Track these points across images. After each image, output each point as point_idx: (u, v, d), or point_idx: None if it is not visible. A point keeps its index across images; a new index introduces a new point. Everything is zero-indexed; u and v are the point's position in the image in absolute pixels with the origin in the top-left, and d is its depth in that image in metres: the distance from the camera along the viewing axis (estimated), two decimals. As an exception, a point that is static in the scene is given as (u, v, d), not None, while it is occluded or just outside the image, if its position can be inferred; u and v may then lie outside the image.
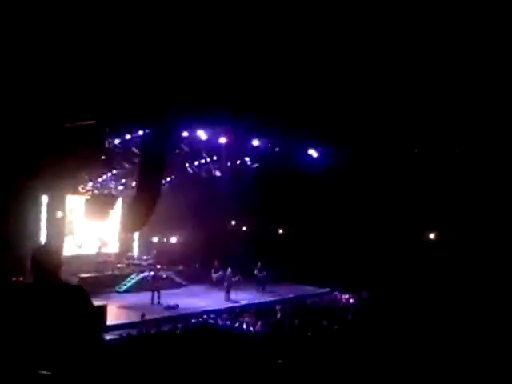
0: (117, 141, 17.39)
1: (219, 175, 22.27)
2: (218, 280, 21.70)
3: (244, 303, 19.79)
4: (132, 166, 18.71)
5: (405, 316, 15.45)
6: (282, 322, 14.82)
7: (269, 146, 18.69)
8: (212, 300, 20.47)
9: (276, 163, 19.71)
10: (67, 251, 23.12)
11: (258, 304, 19.18)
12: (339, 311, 16.54)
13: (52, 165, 17.66)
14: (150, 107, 14.36)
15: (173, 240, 26.67)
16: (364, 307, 17.24)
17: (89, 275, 22.17)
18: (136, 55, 11.88)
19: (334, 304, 17.91)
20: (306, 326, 13.84)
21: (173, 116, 14.55)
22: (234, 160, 21.13)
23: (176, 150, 18.52)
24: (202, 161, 21.00)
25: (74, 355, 3.27)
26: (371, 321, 14.49)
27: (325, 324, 13.61)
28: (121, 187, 23.87)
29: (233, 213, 26.76)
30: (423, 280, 19.96)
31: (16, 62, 11.13)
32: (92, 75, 12.43)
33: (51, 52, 11.02)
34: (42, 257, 3.63)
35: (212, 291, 22.09)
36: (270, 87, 13.36)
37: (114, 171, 20.53)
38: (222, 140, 17.36)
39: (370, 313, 16.06)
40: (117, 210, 24.10)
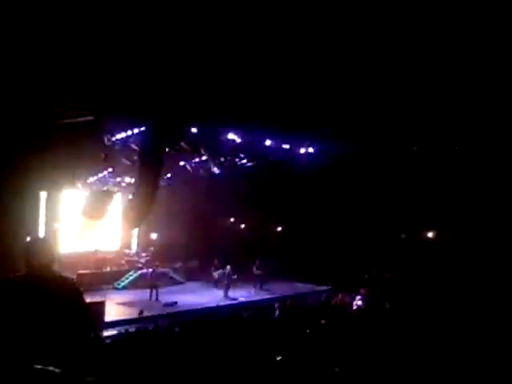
0: (116, 137, 17.35)
1: (218, 172, 22.23)
2: (219, 278, 21.69)
3: (242, 300, 19.80)
4: (131, 163, 18.68)
5: (404, 314, 15.47)
6: (281, 320, 14.83)
7: (268, 144, 18.67)
8: (210, 297, 20.49)
9: (275, 160, 19.70)
10: (66, 248, 23.12)
11: (257, 301, 19.19)
12: (338, 309, 16.54)
13: (51, 161, 17.63)
14: (150, 104, 14.34)
15: (171, 237, 26.63)
16: (363, 305, 17.25)
17: (87, 272, 22.16)
18: (136, 52, 11.85)
19: (333, 302, 17.88)
20: (305, 324, 13.84)
21: (173, 113, 14.53)
22: (233, 157, 21.10)
23: (174, 147, 18.48)
24: (201, 158, 20.96)
25: (67, 349, 3.24)
26: (370, 319, 14.49)
27: (323, 322, 13.60)
28: (120, 183, 23.82)
29: (231, 210, 26.75)
30: (422, 278, 19.99)
31: (14, 56, 11.08)
32: (91, 71, 12.40)
33: (50, 47, 10.98)
34: (38, 249, 3.61)
35: (210, 288, 22.11)
36: (269, 84, 13.34)
37: (113, 168, 20.47)
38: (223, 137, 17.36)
39: (369, 311, 16.07)
40: (115, 207, 24.05)
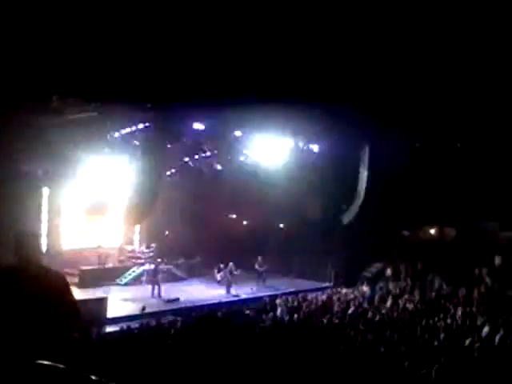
0: (118, 133, 17.36)
1: (220, 169, 22.26)
2: (222, 279, 21.69)
3: (244, 297, 19.80)
4: (133, 158, 18.67)
5: (405, 311, 15.47)
6: (282, 316, 14.86)
7: (272, 140, 18.68)
8: (213, 294, 20.48)
9: (279, 157, 19.71)
10: (68, 244, 23.14)
11: (259, 298, 19.16)
12: (339, 306, 16.54)
13: (54, 157, 17.65)
14: (152, 100, 14.35)
15: (174, 233, 26.62)
16: (364, 302, 17.26)
17: (90, 268, 22.17)
18: (138, 49, 11.84)
19: (335, 298, 17.90)
20: (306, 320, 13.86)
21: (174, 109, 14.53)
22: (236, 153, 21.12)
23: (177, 144, 18.51)
24: (203, 154, 20.97)
25: (48, 343, 3.21)
26: (371, 316, 14.51)
27: (325, 318, 13.63)
28: (122, 179, 23.79)
29: (234, 206, 26.72)
30: (423, 275, 19.97)
31: (16, 51, 11.08)
32: (94, 68, 12.39)
33: (53, 43, 10.98)
34: (25, 241, 3.65)
35: (213, 285, 22.10)
36: (271, 81, 13.32)
37: (116, 163, 20.46)
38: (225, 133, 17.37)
39: (370, 308, 16.07)
40: (118, 203, 24.07)
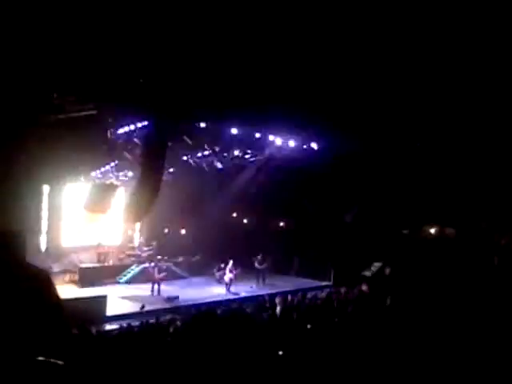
0: (119, 131, 17.35)
1: (221, 167, 22.25)
2: (221, 277, 21.69)
3: (244, 295, 19.82)
4: (134, 157, 18.68)
5: (405, 310, 15.46)
6: (282, 314, 14.84)
7: (272, 139, 18.67)
8: (212, 292, 20.52)
9: (278, 155, 19.69)
10: (68, 241, 23.18)
11: (258, 296, 19.17)
12: (339, 304, 16.54)
13: (53, 155, 17.64)
14: (153, 98, 14.32)
15: (174, 231, 26.68)
16: (364, 300, 17.24)
17: (90, 266, 22.21)
18: (140, 45, 11.83)
19: (334, 297, 17.89)
20: (306, 319, 13.85)
21: (175, 107, 14.51)
22: (237, 152, 21.10)
23: (178, 142, 18.48)
24: (204, 152, 20.96)
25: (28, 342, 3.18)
26: (371, 314, 14.49)
27: (324, 317, 13.61)
28: (123, 177, 23.83)
29: (234, 205, 26.75)
30: (423, 274, 19.97)
31: (15, 48, 11.06)
32: (94, 64, 12.38)
33: (52, 39, 10.97)
34: (7, 240, 3.66)
35: (212, 283, 22.13)
36: (272, 79, 13.31)
37: (116, 161, 20.48)
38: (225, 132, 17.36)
39: (370, 306, 16.06)
40: (118, 201, 24.06)
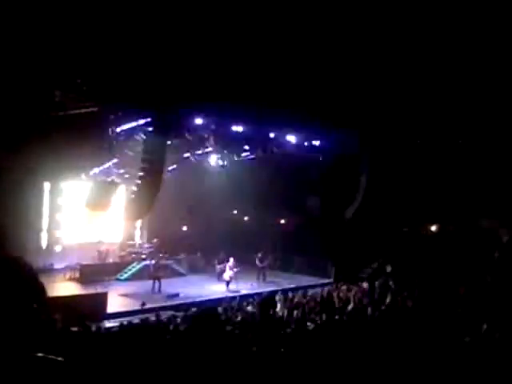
0: (120, 128, 17.34)
1: (221, 164, 22.23)
2: (222, 271, 21.66)
3: (244, 293, 19.80)
4: (135, 154, 18.67)
5: (405, 308, 15.46)
6: (282, 312, 14.85)
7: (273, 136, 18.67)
8: (213, 289, 20.50)
9: (279, 153, 19.69)
10: (69, 239, 23.17)
11: (259, 294, 19.17)
12: (339, 302, 16.54)
13: (54, 152, 17.65)
14: (154, 95, 14.32)
15: (174, 229, 26.66)
16: (364, 298, 17.24)
17: (90, 263, 22.21)
18: (141, 43, 11.82)
19: (335, 295, 17.88)
20: (306, 317, 13.85)
21: (176, 104, 14.51)
22: (237, 149, 21.10)
23: (179, 139, 18.48)
24: (205, 149, 20.94)
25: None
26: (371, 311, 14.49)
27: (325, 314, 13.61)
28: (123, 175, 23.79)
29: (235, 202, 26.75)
30: (424, 272, 19.97)
31: (17, 47, 11.07)
32: (97, 62, 12.38)
33: (54, 38, 10.97)
34: None
35: (213, 280, 22.11)
36: (272, 77, 13.30)
37: (117, 159, 20.46)
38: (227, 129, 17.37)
39: (371, 304, 16.06)
40: (119, 198, 24.07)
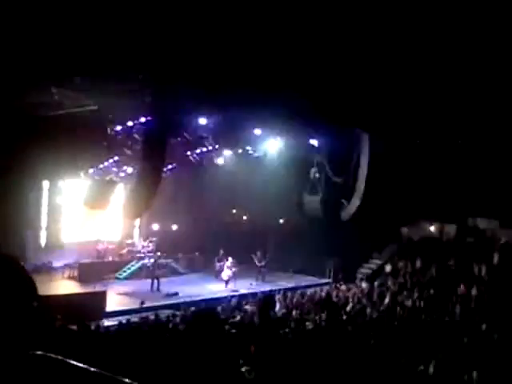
0: (119, 127, 17.33)
1: (221, 163, 22.23)
2: (221, 269, 21.63)
3: (243, 292, 19.80)
4: (134, 153, 18.64)
5: (404, 308, 15.49)
6: (281, 311, 14.86)
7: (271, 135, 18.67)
8: (212, 289, 20.49)
9: (280, 152, 19.69)
10: (68, 237, 23.14)
11: (258, 293, 19.18)
12: (338, 302, 16.56)
13: (53, 151, 17.62)
14: (153, 94, 14.31)
15: (173, 228, 26.63)
16: (363, 298, 17.27)
17: (89, 262, 22.19)
18: (140, 42, 11.79)
19: (334, 295, 17.91)
20: (305, 316, 13.87)
21: (175, 103, 14.49)
22: (237, 149, 21.10)
23: (178, 138, 18.47)
24: (204, 149, 20.93)
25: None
26: (369, 312, 14.52)
27: (324, 314, 13.62)
28: (122, 174, 23.77)
29: (234, 201, 26.74)
30: (422, 273, 19.98)
31: (14, 44, 11.04)
32: (96, 60, 12.35)
33: (53, 35, 10.94)
34: None
35: (212, 280, 22.10)
36: (272, 76, 13.28)
37: (116, 157, 20.44)
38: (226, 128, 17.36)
39: (369, 304, 16.08)
40: (118, 197, 24.04)
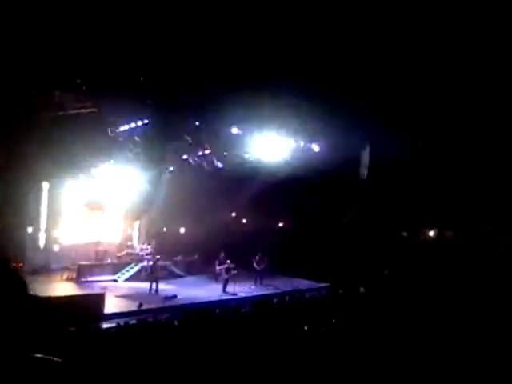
0: (119, 129, 17.35)
1: (220, 166, 22.24)
2: (222, 272, 21.58)
3: (242, 296, 19.78)
4: (134, 155, 18.66)
5: (402, 311, 15.46)
6: (279, 315, 14.84)
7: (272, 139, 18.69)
8: (210, 292, 20.46)
9: (279, 155, 19.71)
10: (67, 239, 23.14)
11: (256, 297, 19.16)
12: (336, 305, 16.54)
13: (54, 152, 17.65)
14: (153, 96, 14.34)
15: (172, 230, 26.65)
16: (360, 302, 17.25)
17: (88, 263, 22.18)
18: (141, 44, 11.82)
19: (332, 298, 17.89)
20: (303, 320, 13.84)
21: (175, 106, 14.52)
22: (236, 151, 21.10)
23: (178, 141, 18.50)
24: (204, 152, 20.94)
25: None
26: (367, 316, 14.49)
27: (322, 318, 13.61)
28: (122, 175, 23.78)
29: (233, 204, 26.76)
30: (420, 276, 19.97)
31: (14, 46, 11.06)
32: (97, 62, 12.37)
33: (54, 37, 10.97)
34: None
35: (210, 283, 22.09)
36: (272, 79, 13.31)
37: (116, 159, 20.45)
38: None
39: (367, 308, 16.06)
40: (118, 199, 24.06)
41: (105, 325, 14.62)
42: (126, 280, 22.04)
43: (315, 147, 19.77)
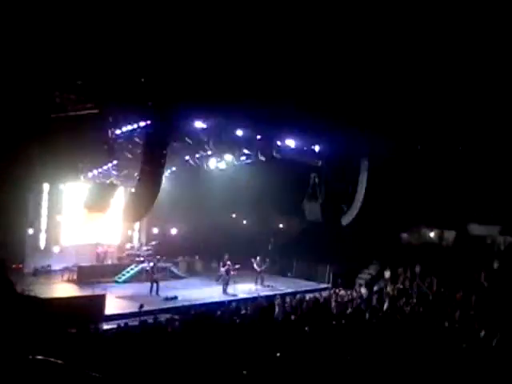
0: (120, 130, 17.33)
1: (221, 168, 22.20)
2: (225, 273, 21.48)
3: (242, 297, 19.77)
4: (134, 156, 18.65)
5: (402, 313, 15.46)
6: (279, 315, 14.84)
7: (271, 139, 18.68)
8: (210, 293, 20.45)
9: (280, 157, 19.68)
10: (67, 240, 23.14)
11: (256, 298, 19.15)
12: (337, 307, 16.54)
13: (54, 153, 17.64)
14: (154, 97, 14.34)
15: (173, 231, 26.66)
16: (362, 303, 17.25)
17: (88, 265, 22.18)
18: (141, 45, 11.84)
19: (333, 300, 17.89)
20: (304, 321, 13.84)
21: (176, 107, 14.53)
22: (237, 153, 21.07)
23: (179, 142, 18.46)
24: (205, 153, 20.89)
25: None
26: (368, 317, 14.49)
27: (323, 319, 13.61)
28: (122, 177, 23.78)
29: (234, 205, 26.76)
30: (421, 279, 19.96)
31: (16, 48, 11.08)
32: (97, 63, 12.39)
33: (55, 39, 10.99)
34: None
35: (211, 284, 22.07)
36: (274, 81, 13.33)
37: (116, 161, 20.44)
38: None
39: (368, 309, 16.05)
40: (118, 200, 24.02)
41: (105, 326, 14.63)
42: (127, 281, 22.03)
43: (316, 148, 19.74)
